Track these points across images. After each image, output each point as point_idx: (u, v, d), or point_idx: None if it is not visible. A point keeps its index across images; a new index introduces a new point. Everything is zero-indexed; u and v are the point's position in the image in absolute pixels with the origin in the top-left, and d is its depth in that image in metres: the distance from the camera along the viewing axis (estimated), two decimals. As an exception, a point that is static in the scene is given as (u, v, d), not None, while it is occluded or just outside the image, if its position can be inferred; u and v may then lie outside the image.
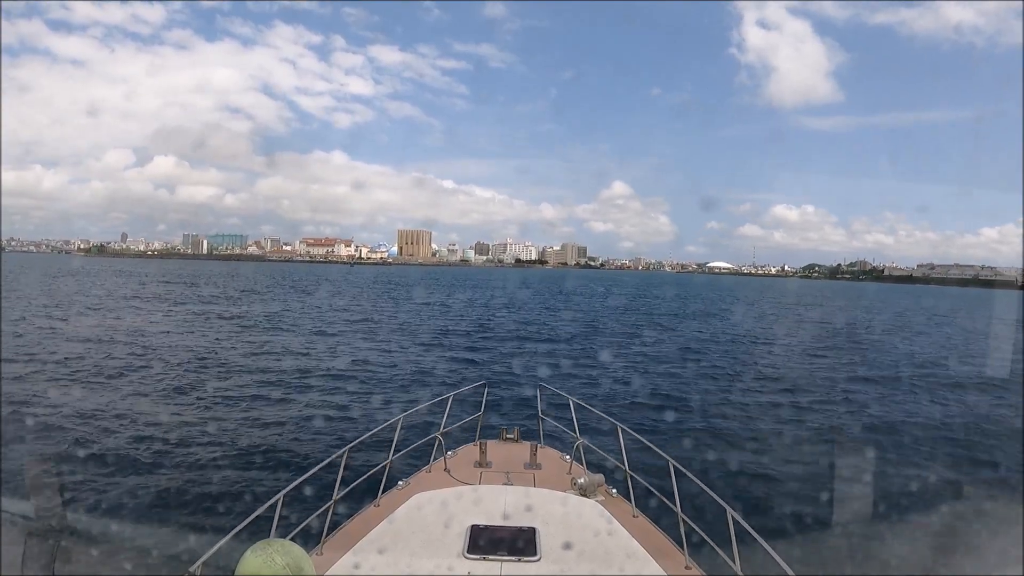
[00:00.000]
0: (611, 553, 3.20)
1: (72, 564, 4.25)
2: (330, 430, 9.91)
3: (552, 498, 3.76)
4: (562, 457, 5.00)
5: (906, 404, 14.10)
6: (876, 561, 5.97)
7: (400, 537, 3.27)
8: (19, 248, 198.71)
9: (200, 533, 6.00)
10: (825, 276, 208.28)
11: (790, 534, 6.59)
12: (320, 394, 12.56)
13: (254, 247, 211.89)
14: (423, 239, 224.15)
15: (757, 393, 14.58)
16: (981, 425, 12.23)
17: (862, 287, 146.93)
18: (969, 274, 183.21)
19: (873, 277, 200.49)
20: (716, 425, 11.33)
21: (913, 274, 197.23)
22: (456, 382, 13.48)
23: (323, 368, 15.63)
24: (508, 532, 3.26)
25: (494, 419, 8.57)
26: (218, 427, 9.90)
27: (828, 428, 11.60)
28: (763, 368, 18.44)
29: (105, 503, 6.89)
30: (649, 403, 12.93)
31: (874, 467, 8.79)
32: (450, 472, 4.56)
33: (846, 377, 17.33)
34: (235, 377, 14.08)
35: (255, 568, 2.17)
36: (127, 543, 5.39)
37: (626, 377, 15.82)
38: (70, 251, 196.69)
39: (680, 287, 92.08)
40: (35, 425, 9.42)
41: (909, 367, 19.64)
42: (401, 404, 11.17)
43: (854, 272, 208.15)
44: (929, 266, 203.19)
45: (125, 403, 11.21)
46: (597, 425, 6.34)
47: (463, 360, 17.99)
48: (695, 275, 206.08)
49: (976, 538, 6.63)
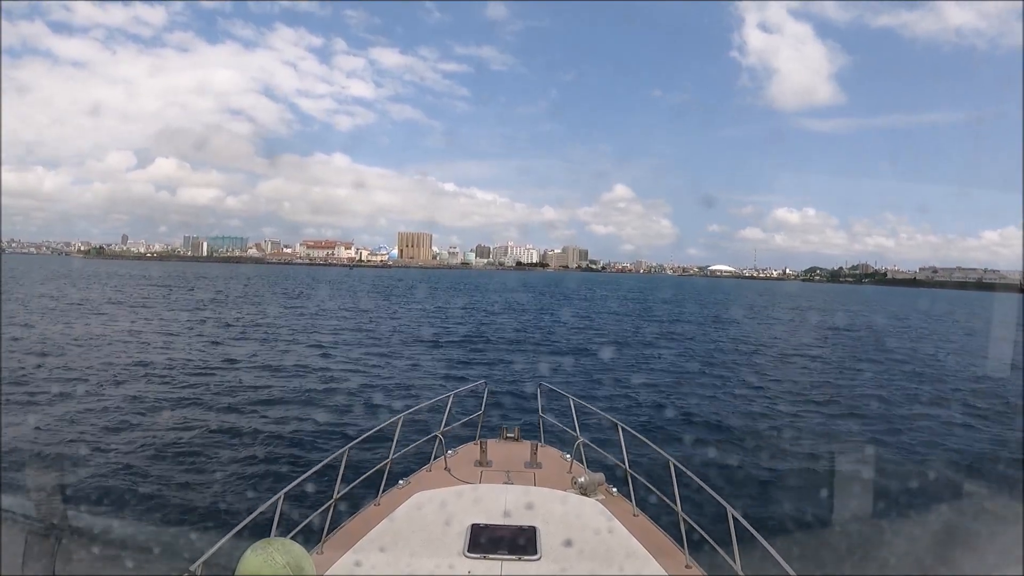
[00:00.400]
0: (611, 552, 3.21)
1: (73, 563, 4.24)
2: (330, 429, 9.92)
3: (552, 497, 3.76)
4: (562, 456, 4.99)
5: (911, 406, 14.11)
6: (876, 561, 5.97)
7: (400, 536, 3.27)
8: (19, 249, 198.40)
9: (201, 532, 6.01)
10: (826, 279, 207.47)
11: (791, 533, 6.59)
12: (320, 393, 12.57)
13: (254, 249, 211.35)
14: (423, 242, 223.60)
15: (756, 393, 14.59)
16: (982, 426, 12.23)
17: (865, 290, 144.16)
18: (973, 277, 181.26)
19: (876, 280, 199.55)
20: (716, 425, 11.34)
21: (916, 277, 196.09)
22: (456, 381, 13.48)
23: (323, 368, 15.64)
24: (508, 531, 3.26)
25: (494, 418, 8.57)
26: (219, 426, 9.91)
27: (828, 428, 11.60)
28: (766, 369, 18.45)
29: (106, 502, 6.90)
30: (649, 403, 12.95)
31: (874, 466, 8.80)
32: (450, 471, 4.56)
33: (854, 379, 17.30)
34: (235, 377, 14.09)
35: (255, 567, 2.17)
36: (128, 542, 5.39)
37: (633, 378, 15.80)
38: (69, 253, 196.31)
39: (695, 292, 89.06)
40: (35, 425, 9.43)
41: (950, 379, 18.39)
42: (401, 403, 11.18)
43: (856, 275, 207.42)
44: (931, 269, 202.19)
45: (125, 403, 11.21)
46: (597, 424, 6.34)
47: (464, 360, 18.01)
48: (696, 278, 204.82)
49: (976, 538, 6.63)
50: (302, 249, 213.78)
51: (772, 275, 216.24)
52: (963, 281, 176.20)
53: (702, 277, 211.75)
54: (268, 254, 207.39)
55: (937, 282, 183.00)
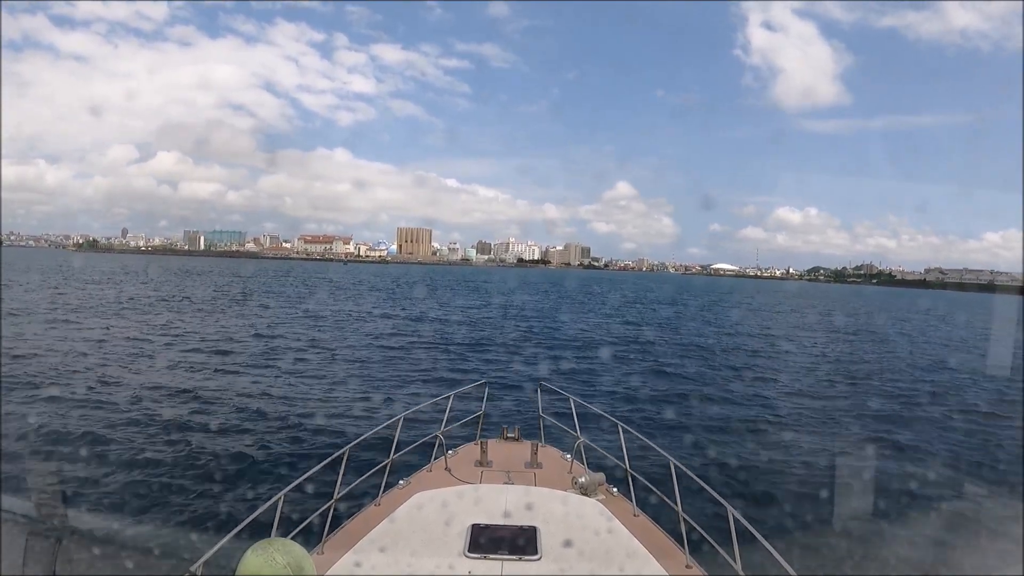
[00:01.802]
0: (612, 552, 3.21)
1: (73, 564, 4.24)
2: (331, 429, 9.91)
3: (553, 497, 3.76)
4: (563, 456, 5.00)
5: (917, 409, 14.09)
6: (876, 561, 5.98)
7: (401, 536, 3.27)
8: (17, 242, 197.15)
9: (201, 532, 6.01)
10: (831, 279, 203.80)
11: (791, 533, 6.59)
12: (321, 393, 12.56)
13: (252, 244, 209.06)
14: (423, 237, 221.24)
15: (759, 393, 14.58)
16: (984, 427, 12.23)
17: (873, 291, 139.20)
18: (983, 279, 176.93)
19: (883, 281, 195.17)
20: (717, 424, 11.34)
21: (925, 278, 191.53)
22: (457, 381, 13.48)
23: (323, 367, 15.63)
24: (509, 531, 3.26)
25: (495, 418, 8.57)
26: (219, 426, 9.90)
27: (828, 428, 11.60)
28: (774, 370, 18.44)
29: (107, 503, 6.89)
30: (650, 402, 12.94)
31: (874, 466, 8.80)
32: (451, 471, 4.56)
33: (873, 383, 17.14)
34: (235, 377, 14.08)
35: (256, 567, 2.18)
36: (128, 543, 5.40)
37: (643, 380, 15.73)
38: (66, 247, 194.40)
39: (720, 295, 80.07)
40: (36, 425, 9.42)
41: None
42: (402, 403, 11.18)
43: (861, 276, 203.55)
44: (938, 270, 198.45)
45: (126, 402, 11.21)
46: (598, 424, 6.34)
47: (464, 360, 18.00)
48: (702, 276, 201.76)
49: (976, 538, 6.63)
50: (300, 244, 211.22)
51: (775, 274, 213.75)
52: (975, 283, 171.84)
53: (706, 276, 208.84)
54: (265, 249, 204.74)
55: (949, 284, 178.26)
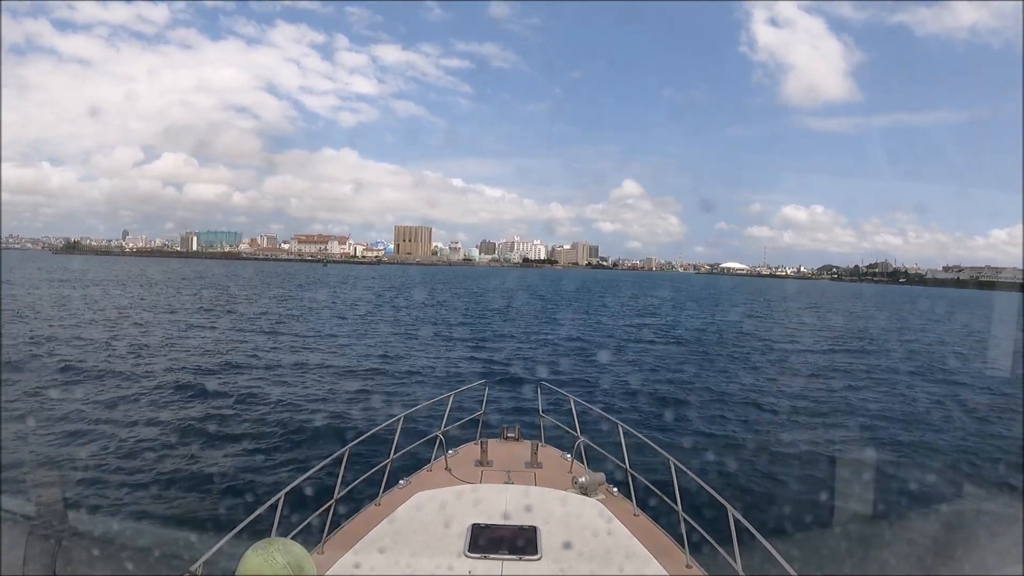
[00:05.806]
0: (612, 552, 3.21)
1: (73, 564, 4.23)
2: (331, 429, 9.91)
3: (553, 497, 3.76)
4: (563, 456, 5.00)
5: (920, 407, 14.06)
6: (876, 561, 5.97)
7: (401, 536, 3.27)
8: (15, 244, 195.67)
9: (201, 532, 5.99)
10: (847, 277, 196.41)
11: (791, 533, 6.59)
12: (321, 393, 12.56)
13: (246, 245, 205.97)
14: (422, 236, 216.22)
15: (759, 393, 14.58)
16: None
17: (919, 292, 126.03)
18: (1007, 277, 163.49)
19: (912, 280, 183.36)
20: (717, 424, 11.33)
21: (959, 277, 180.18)
22: (457, 381, 13.47)
23: (323, 367, 15.62)
24: (509, 531, 3.26)
25: (495, 418, 8.57)
26: (219, 427, 9.90)
27: (829, 427, 11.60)
28: (782, 368, 18.42)
29: (106, 503, 6.89)
30: (650, 402, 12.93)
31: (874, 466, 8.80)
32: (451, 471, 4.56)
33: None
34: (235, 377, 14.08)
35: (256, 567, 2.17)
36: (128, 543, 5.39)
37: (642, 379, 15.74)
38: (56, 249, 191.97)
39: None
40: (36, 425, 9.42)
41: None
42: (402, 403, 11.18)
43: (875, 273, 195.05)
44: (956, 268, 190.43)
45: (126, 403, 11.21)
46: (598, 424, 6.33)
47: (465, 359, 17.99)
48: (722, 277, 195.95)
49: (976, 538, 6.62)
50: (294, 244, 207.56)
51: (787, 273, 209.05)
52: (1012, 282, 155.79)
53: (719, 275, 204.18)
54: (259, 250, 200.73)
55: (985, 283, 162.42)
